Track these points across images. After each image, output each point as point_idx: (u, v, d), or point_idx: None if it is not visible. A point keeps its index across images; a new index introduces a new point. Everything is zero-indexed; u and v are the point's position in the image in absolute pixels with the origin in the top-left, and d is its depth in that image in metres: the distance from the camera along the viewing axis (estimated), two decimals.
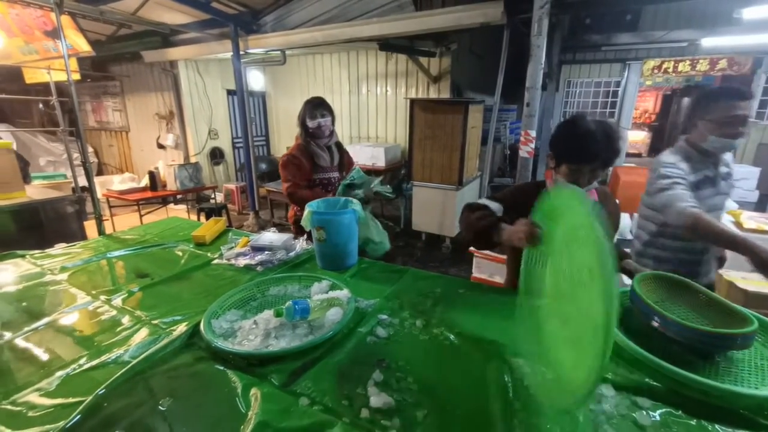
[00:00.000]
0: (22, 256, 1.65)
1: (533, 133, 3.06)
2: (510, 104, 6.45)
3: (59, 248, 1.77)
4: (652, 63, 6.29)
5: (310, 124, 1.98)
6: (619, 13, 5.95)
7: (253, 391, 0.82)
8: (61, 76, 3.26)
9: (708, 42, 5.38)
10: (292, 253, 1.61)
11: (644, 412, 0.77)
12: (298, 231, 1.94)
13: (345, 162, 2.18)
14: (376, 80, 6.16)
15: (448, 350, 0.99)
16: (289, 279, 1.32)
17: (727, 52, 5.81)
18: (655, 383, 0.84)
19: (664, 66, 6.22)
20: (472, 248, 2.78)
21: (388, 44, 4.75)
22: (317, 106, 1.99)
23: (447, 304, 1.21)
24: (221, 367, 0.92)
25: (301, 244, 1.67)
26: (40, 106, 7.44)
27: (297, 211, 2.10)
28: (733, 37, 5.10)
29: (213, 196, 5.63)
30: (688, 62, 6.07)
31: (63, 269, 1.51)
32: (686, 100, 12.65)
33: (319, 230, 1.43)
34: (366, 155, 5.55)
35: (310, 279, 1.31)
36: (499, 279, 2.72)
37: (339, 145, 2.16)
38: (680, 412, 0.78)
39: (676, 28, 5.71)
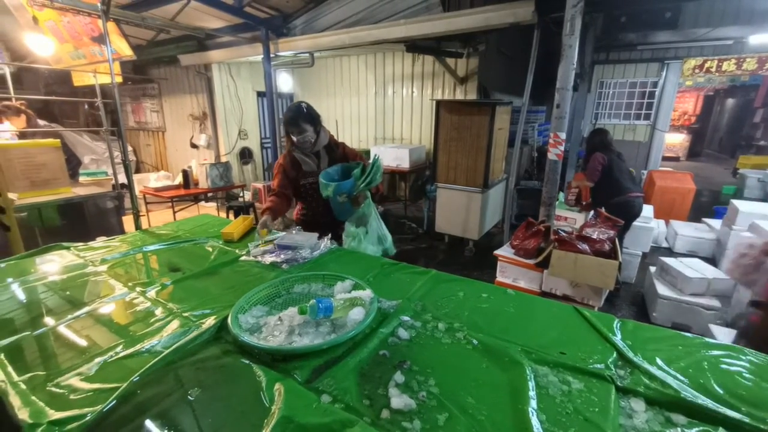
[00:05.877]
0: (67, 248, 1.76)
1: (563, 135, 2.97)
2: (539, 105, 6.29)
3: (100, 241, 1.87)
4: (693, 62, 5.98)
5: (293, 138, 2.00)
6: (657, 10, 5.68)
7: (277, 386, 0.84)
8: (105, 79, 3.45)
9: (756, 39, 5.06)
10: (316, 252, 1.63)
11: (679, 430, 0.73)
12: (305, 228, 1.96)
13: (338, 162, 2.08)
14: (402, 81, 6.16)
15: (470, 354, 0.98)
16: (313, 277, 1.34)
17: None
18: (688, 398, 0.79)
19: (707, 65, 5.90)
20: (497, 252, 2.73)
21: (414, 46, 4.74)
22: (292, 125, 1.94)
23: (470, 307, 1.19)
24: (247, 361, 0.94)
25: (325, 244, 1.69)
26: (86, 107, 7.92)
27: (299, 212, 2.18)
28: None
29: (242, 194, 5.79)
30: (733, 61, 5.73)
31: (103, 261, 1.59)
32: (730, 102, 11.94)
33: (342, 195, 1.83)
34: (391, 156, 5.56)
35: (334, 278, 1.32)
36: (523, 284, 2.65)
37: (329, 148, 2.08)
38: (720, 429, 0.73)
39: (721, 25, 5.39)
